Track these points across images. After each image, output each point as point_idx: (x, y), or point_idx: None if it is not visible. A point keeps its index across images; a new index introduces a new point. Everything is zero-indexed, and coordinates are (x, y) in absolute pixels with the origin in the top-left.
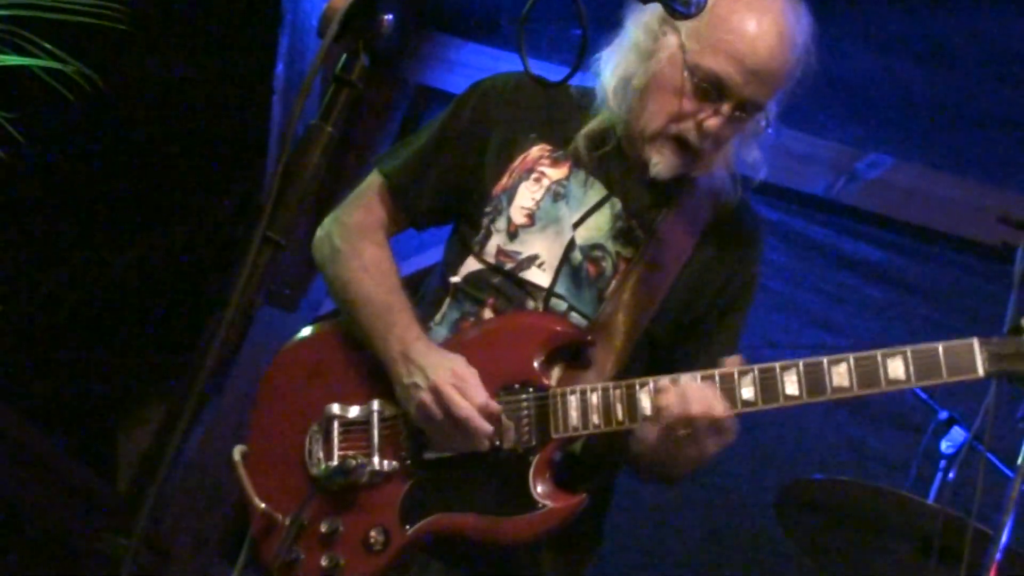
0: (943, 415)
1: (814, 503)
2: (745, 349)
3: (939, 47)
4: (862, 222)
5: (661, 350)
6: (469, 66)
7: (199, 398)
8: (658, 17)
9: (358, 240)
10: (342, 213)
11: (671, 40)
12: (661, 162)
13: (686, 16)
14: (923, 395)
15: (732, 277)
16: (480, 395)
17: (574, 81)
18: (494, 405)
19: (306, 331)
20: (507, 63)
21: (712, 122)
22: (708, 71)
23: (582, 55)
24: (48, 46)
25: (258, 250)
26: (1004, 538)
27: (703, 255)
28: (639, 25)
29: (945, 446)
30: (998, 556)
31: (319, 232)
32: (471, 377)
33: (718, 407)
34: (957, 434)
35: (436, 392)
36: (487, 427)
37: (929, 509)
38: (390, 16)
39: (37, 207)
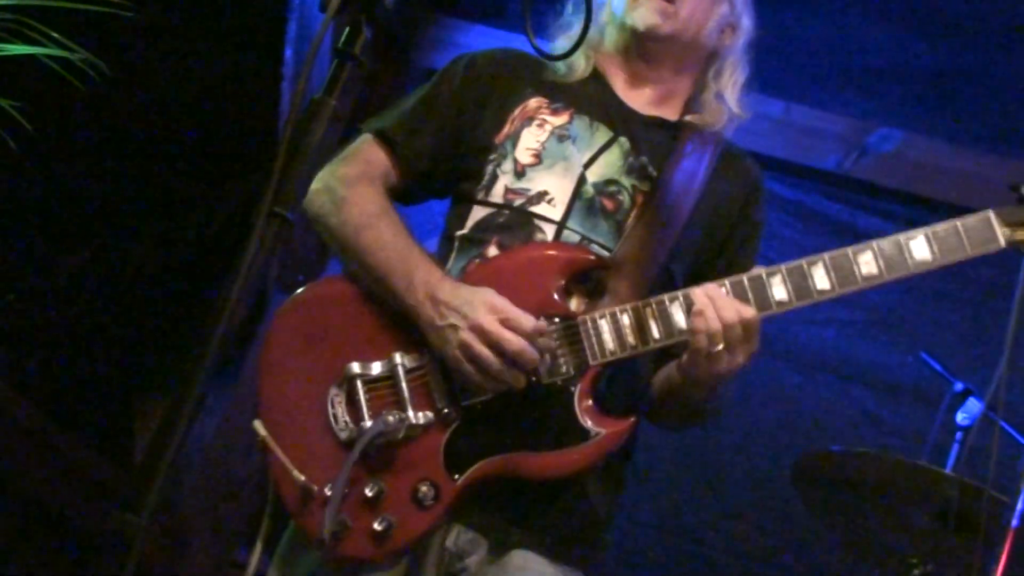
0: (958, 387)
1: (831, 475)
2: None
3: (947, 19)
4: (874, 196)
5: (680, 286)
6: (477, 48)
7: (207, 375)
8: None
9: (364, 187)
10: (337, 168)
11: None
12: (642, 10)
13: None
14: (938, 367)
15: (744, 210)
16: (527, 322)
17: None
18: (543, 325)
19: (303, 290)
20: (517, 44)
21: None
22: None
23: (586, 27)
24: (55, 34)
25: (264, 225)
26: (1020, 504)
27: (711, 196)
28: None
29: (961, 417)
30: (1015, 523)
31: (314, 185)
32: (510, 307)
33: (747, 309)
34: (972, 405)
35: (479, 330)
36: (537, 356)
37: (945, 478)
38: None
39: (46, 195)
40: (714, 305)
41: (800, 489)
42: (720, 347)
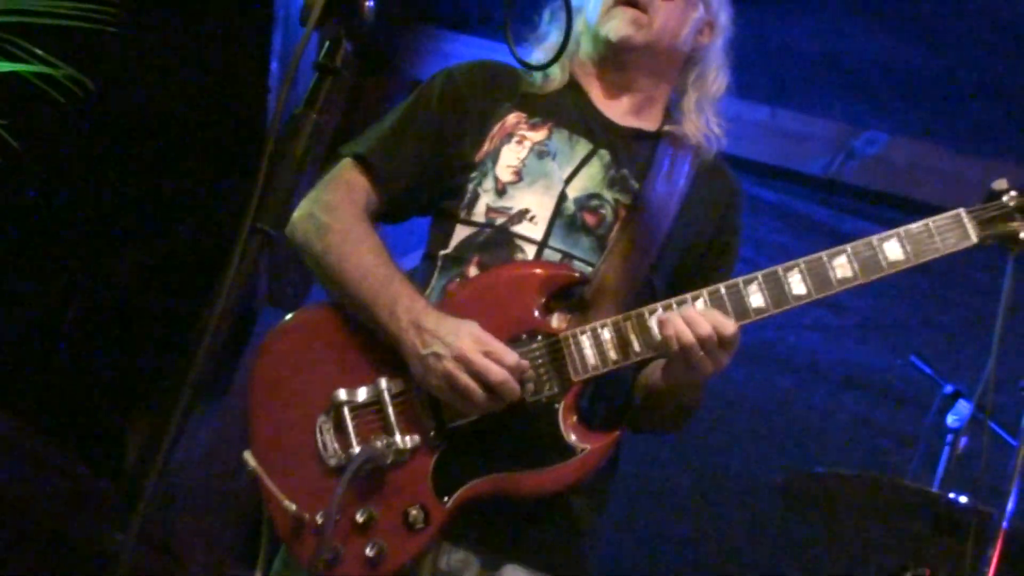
0: (948, 389)
1: (815, 496)
2: (747, 329)
3: (932, 22)
4: (861, 200)
5: (661, 298)
6: (464, 58)
7: (192, 392)
8: None
9: (345, 214)
10: (319, 194)
11: None
12: (615, 22)
13: None
14: (928, 370)
15: (723, 223)
16: (509, 356)
17: None
18: (524, 362)
19: (288, 319)
20: (502, 54)
21: None
22: None
23: (567, 38)
24: (38, 51)
25: (247, 240)
26: (1011, 505)
27: (692, 206)
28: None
29: (951, 420)
30: (1005, 524)
31: (297, 213)
32: (493, 340)
33: (726, 324)
34: (963, 408)
35: (463, 360)
36: (518, 388)
37: (930, 496)
38: (371, 2)
39: (34, 209)
40: (690, 323)
41: (788, 504)
42: (700, 355)
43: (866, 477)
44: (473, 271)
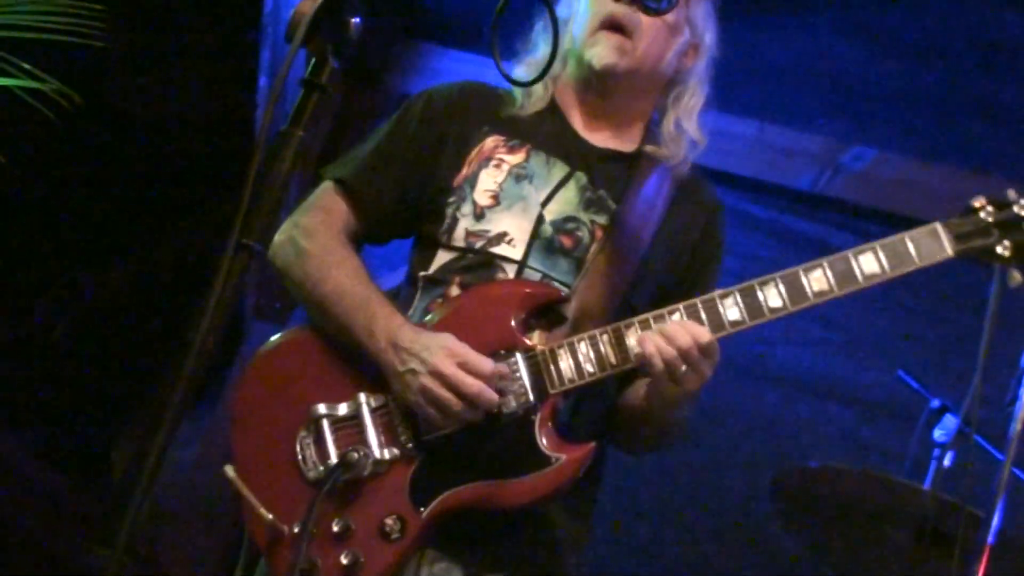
0: (935, 403)
1: (808, 491)
2: (735, 344)
3: (918, 38)
4: (849, 215)
5: None
6: (452, 74)
7: (179, 408)
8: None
9: (324, 238)
10: (300, 217)
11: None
12: (600, 49)
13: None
14: (915, 384)
15: (703, 239)
16: (485, 365)
17: None
18: (502, 367)
19: (271, 341)
20: (490, 69)
21: None
22: None
23: (553, 55)
24: (26, 66)
25: (232, 256)
26: (996, 520)
27: (671, 223)
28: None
29: (938, 434)
30: (991, 539)
31: (278, 237)
32: (469, 351)
33: (703, 332)
34: (950, 422)
35: (439, 375)
36: (496, 397)
37: (922, 494)
38: (357, 19)
39: (21, 226)
40: (668, 337)
41: (777, 505)
42: (683, 368)
43: (860, 472)
44: (454, 291)
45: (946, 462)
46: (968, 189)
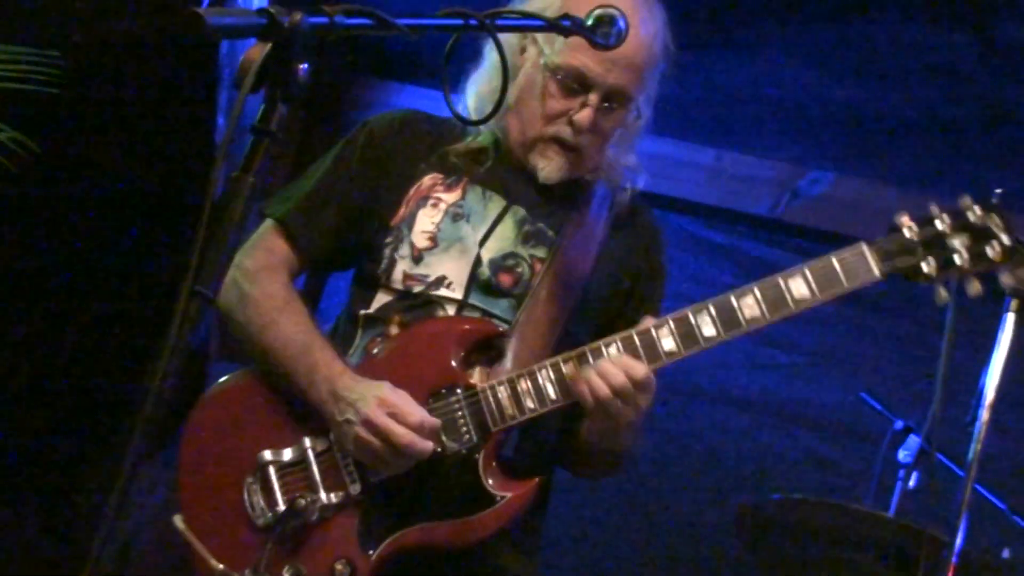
0: (899, 425)
1: (771, 524)
2: (700, 370)
3: (869, 62)
4: (809, 238)
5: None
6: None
7: (137, 455)
8: (517, 35)
9: (265, 282)
10: (242, 260)
11: (532, 51)
12: (548, 166)
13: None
14: (878, 406)
15: (644, 267)
16: (414, 414)
17: None
18: (431, 419)
19: (216, 385)
20: (444, 104)
21: (583, 115)
22: (569, 67)
23: (504, 91)
24: None
25: (186, 304)
26: (959, 541)
27: (611, 251)
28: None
29: (902, 455)
30: (954, 560)
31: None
32: (400, 400)
33: (637, 368)
34: (913, 442)
35: (369, 424)
36: (428, 445)
37: (884, 521)
38: (305, 65)
39: None
40: (603, 376)
41: (742, 538)
42: (618, 404)
43: (822, 503)
44: (394, 330)
45: (911, 483)
46: (924, 207)
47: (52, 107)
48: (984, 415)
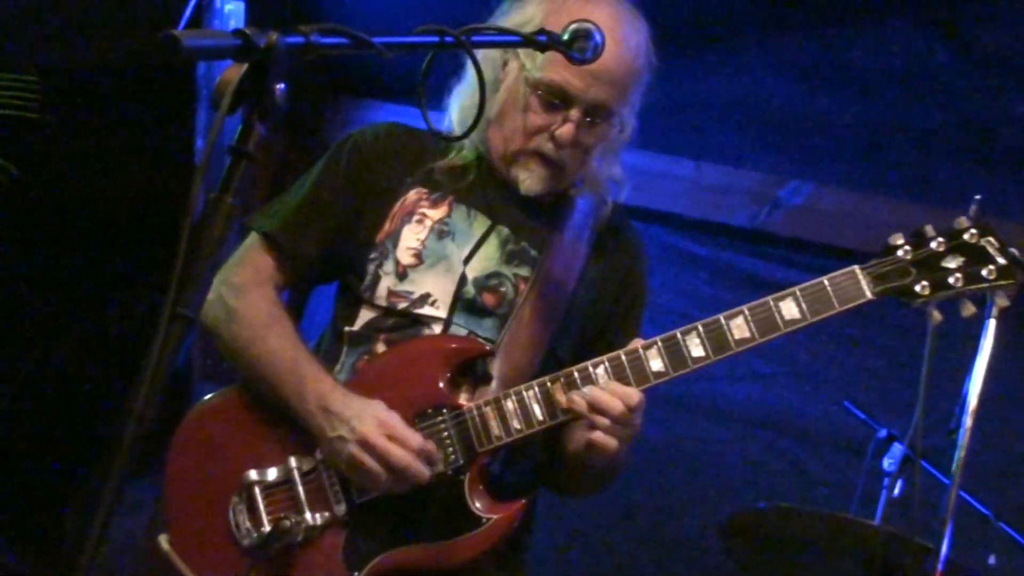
0: (882, 433)
1: (758, 532)
2: (683, 382)
3: (846, 72)
4: (789, 248)
5: (567, 365)
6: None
7: (120, 478)
8: (499, 50)
9: (252, 297)
10: (228, 274)
11: (513, 66)
12: (529, 178)
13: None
14: (861, 415)
15: (626, 284)
16: (414, 439)
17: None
18: (428, 445)
19: (201, 403)
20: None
21: (564, 130)
22: (550, 82)
23: (481, 107)
24: None
25: (167, 326)
26: (944, 549)
27: (595, 268)
28: (482, 62)
29: (887, 463)
30: (940, 567)
31: (208, 296)
32: (398, 422)
33: (632, 394)
34: (897, 451)
35: (366, 444)
36: (426, 471)
37: (869, 528)
38: (282, 85)
39: None
40: (600, 408)
41: (729, 548)
42: (620, 430)
43: (807, 511)
44: (381, 348)
45: (895, 491)
46: (904, 217)
47: (31, 130)
48: (968, 422)
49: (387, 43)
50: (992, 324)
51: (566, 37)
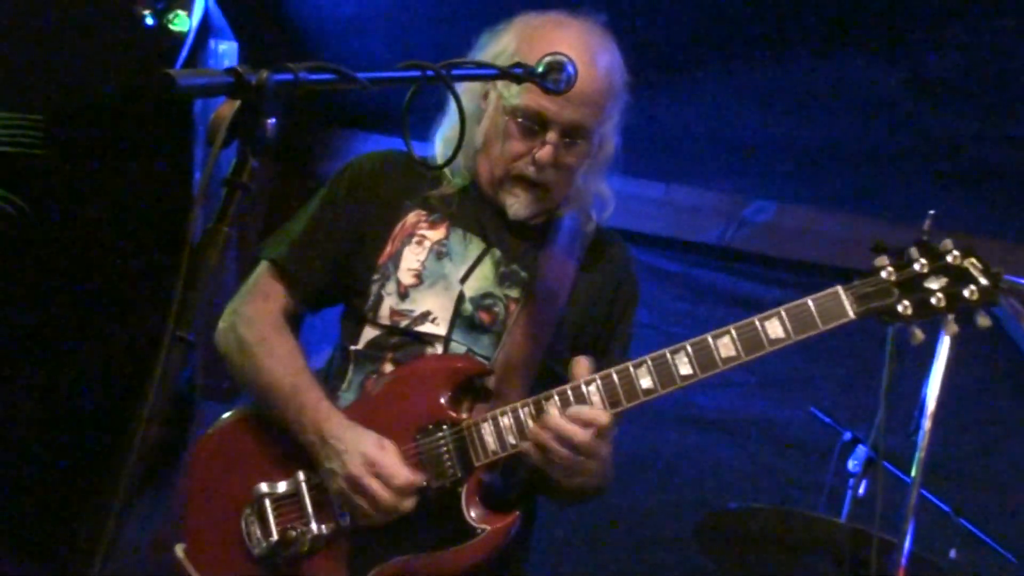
0: (847, 436)
1: (731, 532)
2: None
3: (803, 96)
4: (756, 264)
5: (564, 380)
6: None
7: (125, 498)
8: (480, 82)
9: (261, 328)
10: (240, 304)
11: (493, 96)
12: (516, 203)
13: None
14: (827, 419)
15: (615, 296)
16: (399, 476)
17: None
18: (416, 478)
19: (218, 422)
20: (415, 149)
21: (543, 152)
22: (526, 108)
23: (461, 137)
24: None
25: (168, 350)
26: (908, 543)
27: (585, 283)
28: (464, 94)
29: (852, 464)
30: (903, 562)
31: (221, 324)
32: (386, 458)
33: (600, 416)
34: (861, 452)
35: (351, 481)
36: (409, 505)
37: (836, 525)
38: (273, 120)
39: None
40: (562, 438)
41: (705, 547)
42: (581, 461)
43: (778, 511)
44: (388, 367)
45: (860, 491)
46: (864, 232)
47: (36, 166)
48: (927, 424)
49: (371, 78)
50: (947, 338)
51: (540, 69)
